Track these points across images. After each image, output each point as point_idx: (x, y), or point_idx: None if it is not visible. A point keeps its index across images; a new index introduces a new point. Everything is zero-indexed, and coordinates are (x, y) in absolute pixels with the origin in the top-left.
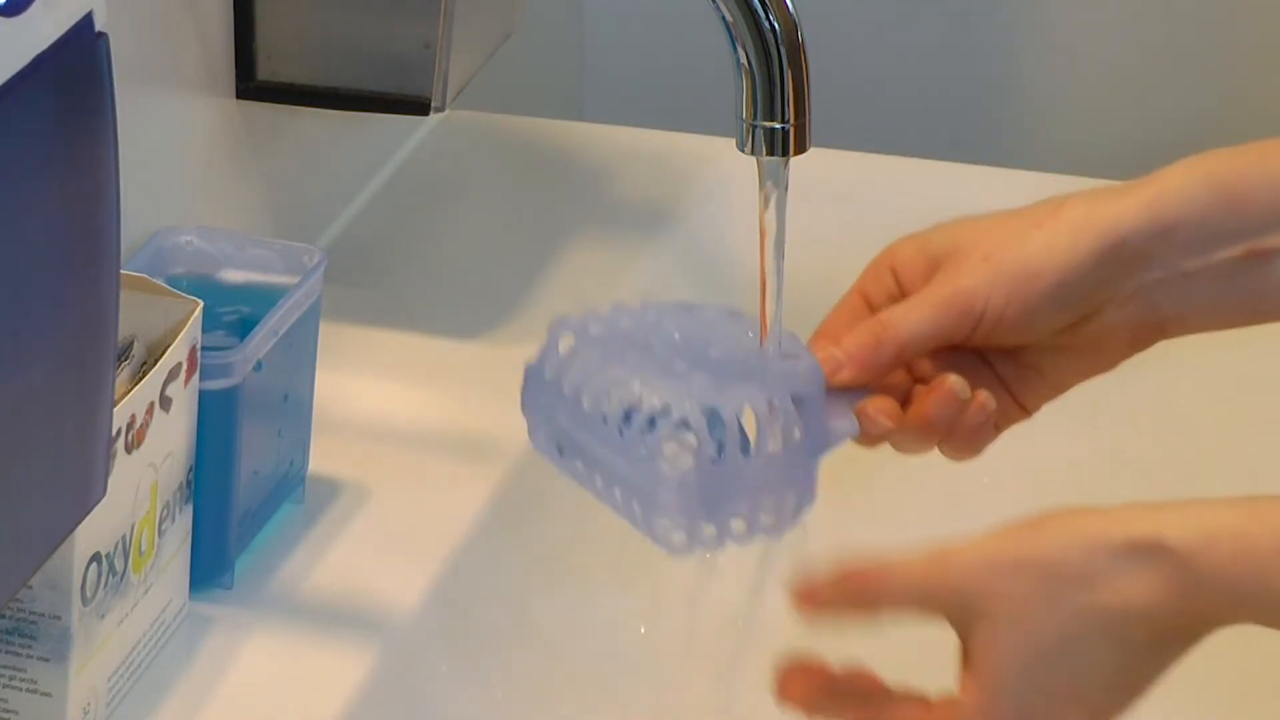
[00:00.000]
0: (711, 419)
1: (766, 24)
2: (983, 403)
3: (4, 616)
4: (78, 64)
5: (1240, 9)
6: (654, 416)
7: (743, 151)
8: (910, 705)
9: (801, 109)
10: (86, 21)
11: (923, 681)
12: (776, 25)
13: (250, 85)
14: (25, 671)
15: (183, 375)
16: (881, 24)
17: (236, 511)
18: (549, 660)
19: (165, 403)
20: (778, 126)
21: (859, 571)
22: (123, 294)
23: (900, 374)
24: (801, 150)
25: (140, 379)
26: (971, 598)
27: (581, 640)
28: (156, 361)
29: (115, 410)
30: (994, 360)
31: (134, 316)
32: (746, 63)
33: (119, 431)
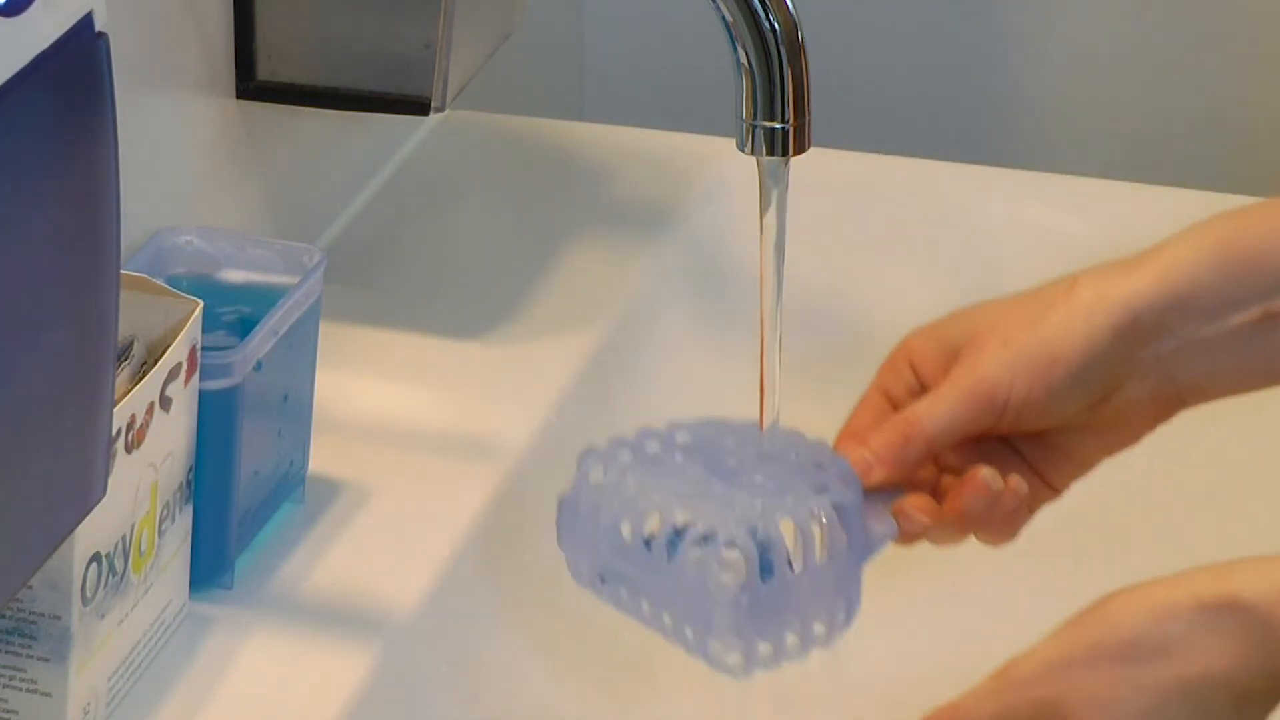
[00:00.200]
0: (756, 535)
1: (766, 24)
2: (1015, 488)
3: (4, 616)
4: (78, 64)
5: (1240, 9)
6: (699, 540)
7: (743, 151)
8: None
9: (801, 109)
10: (86, 21)
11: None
12: (776, 25)
13: (250, 85)
14: (25, 671)
15: (183, 375)
16: (881, 24)
17: (236, 511)
18: (549, 660)
19: (165, 403)
20: (778, 126)
21: None
22: (123, 294)
23: (928, 467)
24: (801, 150)
25: (140, 379)
26: (1051, 702)
27: (581, 640)
28: (156, 361)
29: (115, 410)
30: (1019, 444)
31: (134, 316)
32: (746, 63)
33: (119, 431)
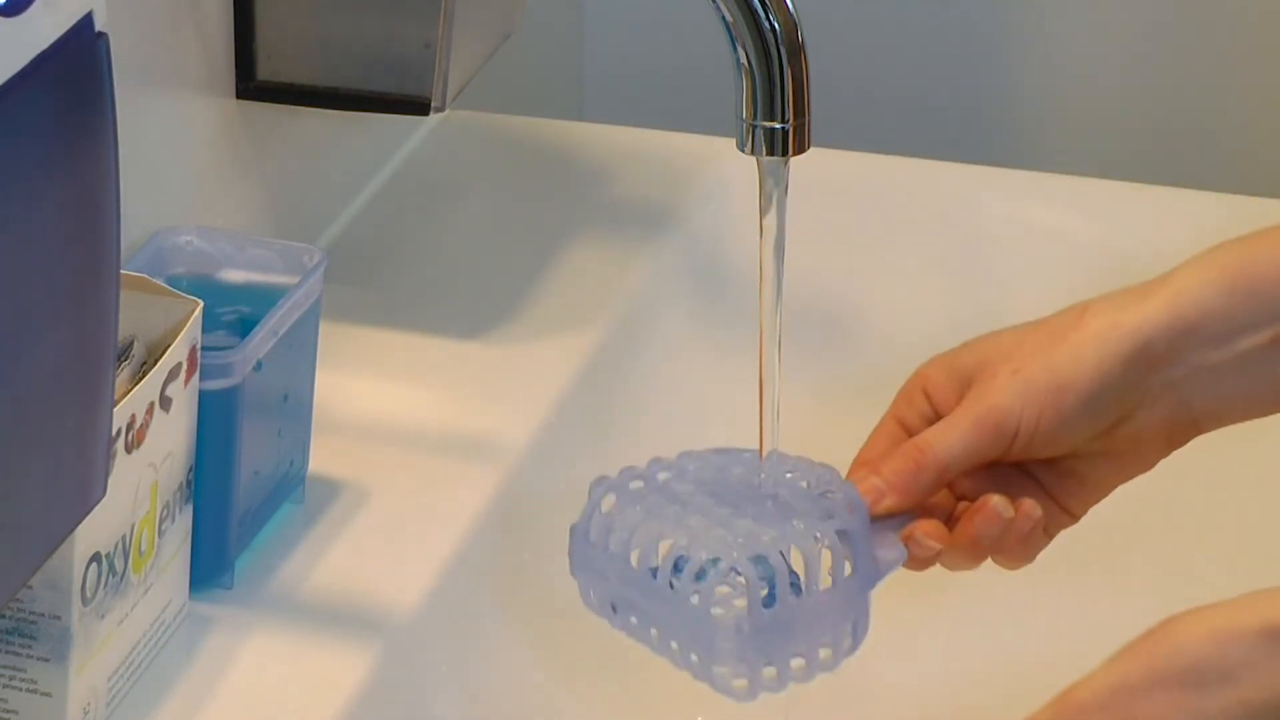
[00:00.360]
0: (761, 563)
1: (766, 24)
2: (1027, 513)
3: (4, 616)
4: (78, 64)
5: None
6: (703, 568)
7: (743, 151)
8: None
9: (801, 109)
10: (86, 21)
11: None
12: (776, 25)
13: (250, 85)
14: (25, 671)
15: (183, 375)
16: (881, 24)
17: (236, 511)
18: (549, 659)
19: (165, 403)
20: (778, 126)
21: None
22: (123, 294)
23: (942, 493)
24: (801, 150)
25: (140, 379)
26: None
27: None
28: (156, 361)
29: (115, 410)
30: (1034, 470)
31: (134, 316)
32: (746, 63)
33: (119, 431)
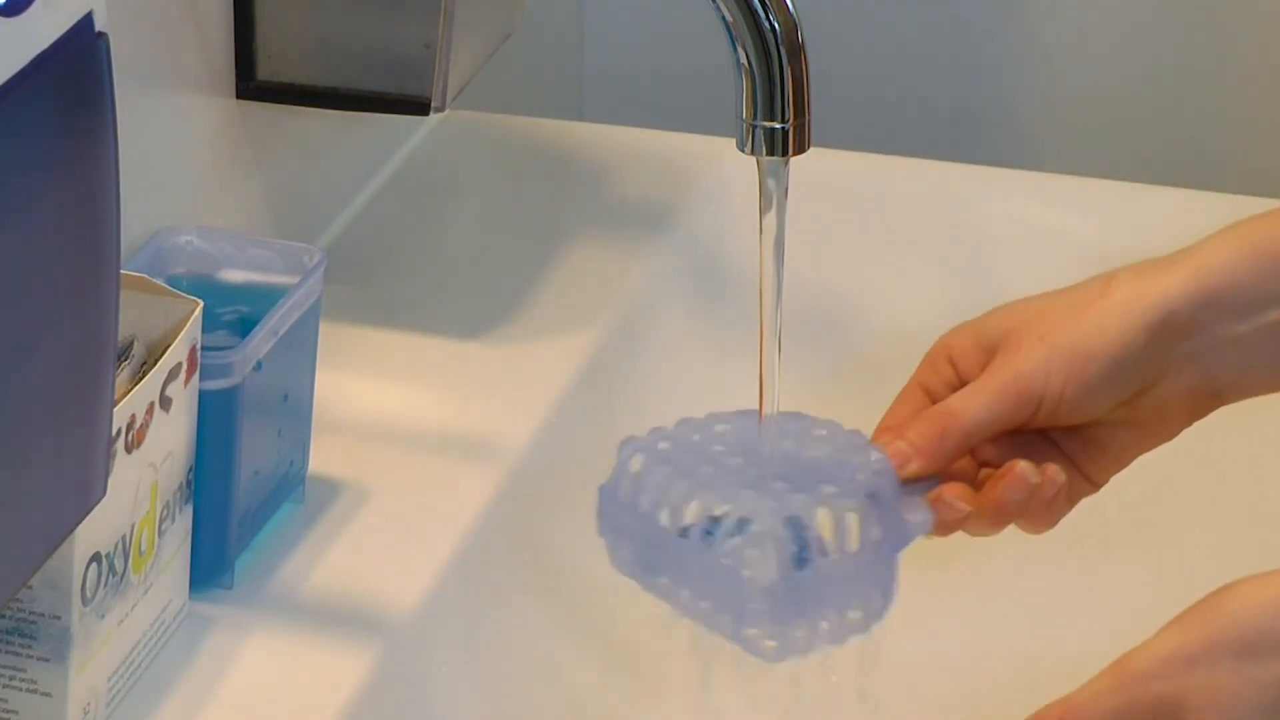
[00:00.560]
0: (792, 525)
1: (766, 24)
2: (1052, 478)
3: (4, 616)
4: (78, 64)
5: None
6: (734, 529)
7: (743, 151)
8: None
9: (801, 109)
10: (86, 21)
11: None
12: (776, 25)
13: (250, 85)
14: (25, 671)
15: (183, 375)
16: (881, 24)
17: (236, 511)
18: (549, 660)
19: (165, 403)
20: (778, 126)
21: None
22: (123, 294)
23: (965, 460)
24: (801, 150)
25: (140, 379)
26: (1171, 699)
27: (581, 639)
28: (156, 361)
29: (115, 410)
30: (1057, 438)
31: (134, 316)
32: (746, 63)
33: (119, 431)
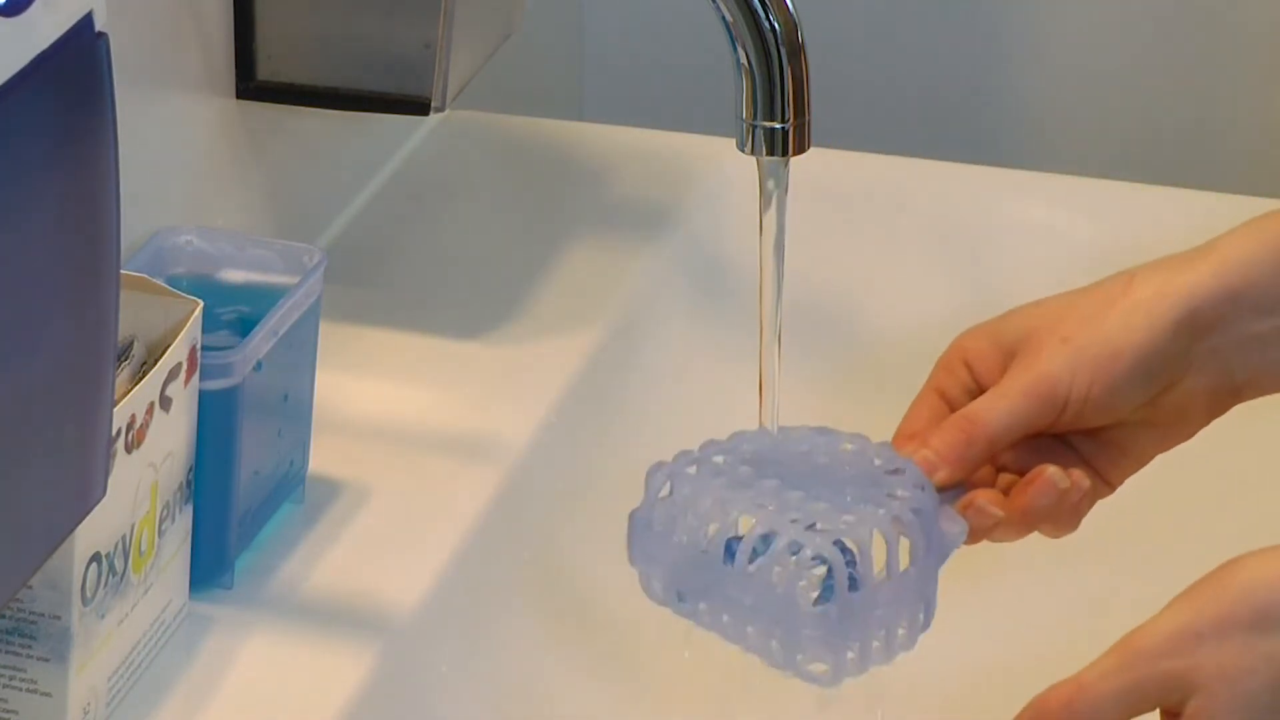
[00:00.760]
0: (842, 547)
1: (766, 24)
2: (1078, 483)
3: (4, 616)
4: (78, 64)
5: (1241, 10)
6: (784, 553)
7: (743, 151)
8: None
9: (801, 109)
10: (86, 21)
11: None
12: (776, 25)
13: (250, 85)
14: (25, 671)
15: (183, 375)
16: (882, 24)
17: (236, 511)
18: (549, 659)
19: (165, 403)
20: (778, 126)
21: (1056, 703)
22: (123, 294)
23: (985, 467)
24: (801, 150)
25: (140, 379)
26: (1180, 676)
27: (582, 639)
28: (156, 361)
29: (115, 410)
30: (1075, 441)
31: (134, 316)
32: (746, 63)
33: (119, 431)
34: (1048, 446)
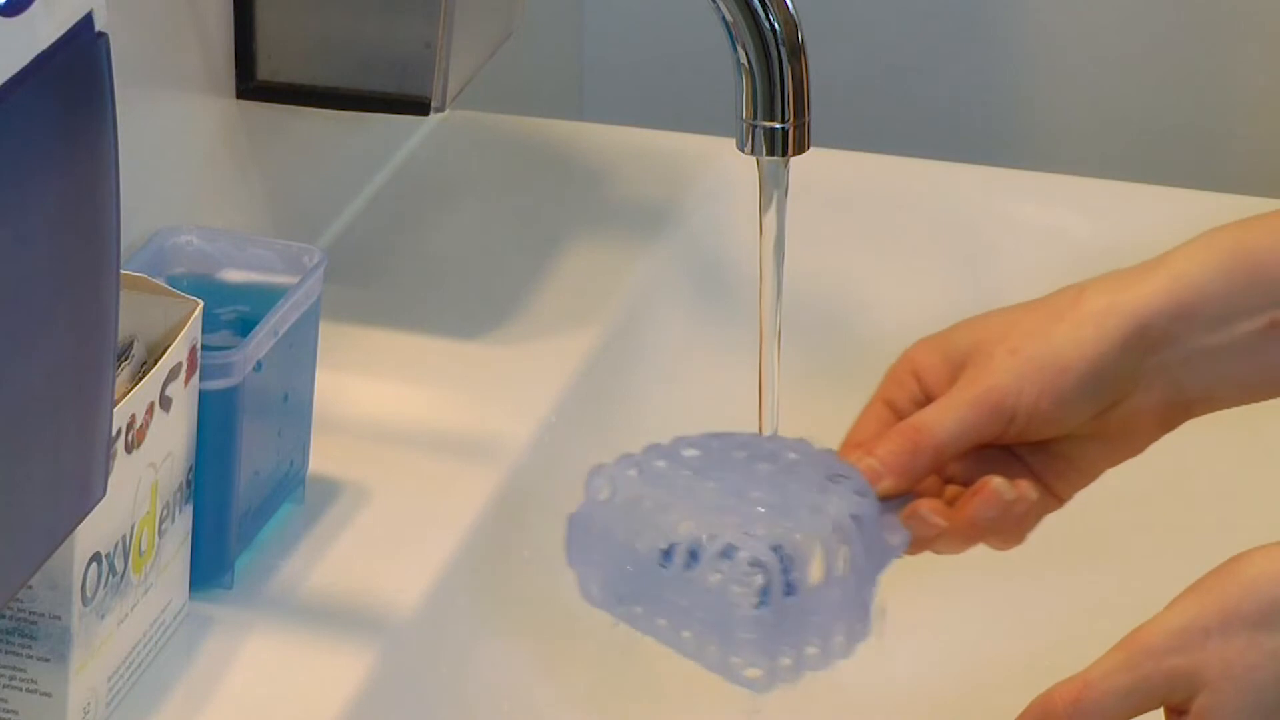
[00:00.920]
0: (779, 551)
1: (766, 24)
2: (1024, 494)
3: (4, 616)
4: (78, 64)
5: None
6: (719, 556)
7: (743, 151)
8: None
9: (801, 109)
10: (86, 21)
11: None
12: (776, 25)
13: (250, 85)
14: (25, 671)
15: (183, 375)
16: (882, 24)
17: (236, 511)
18: (548, 660)
19: (165, 403)
20: (778, 126)
21: (1062, 701)
22: (123, 294)
23: (931, 478)
24: (801, 150)
25: (140, 379)
26: (1187, 672)
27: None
28: (156, 361)
29: (115, 410)
30: (1023, 454)
31: (134, 316)
32: (746, 63)
33: (119, 431)
34: (996, 458)
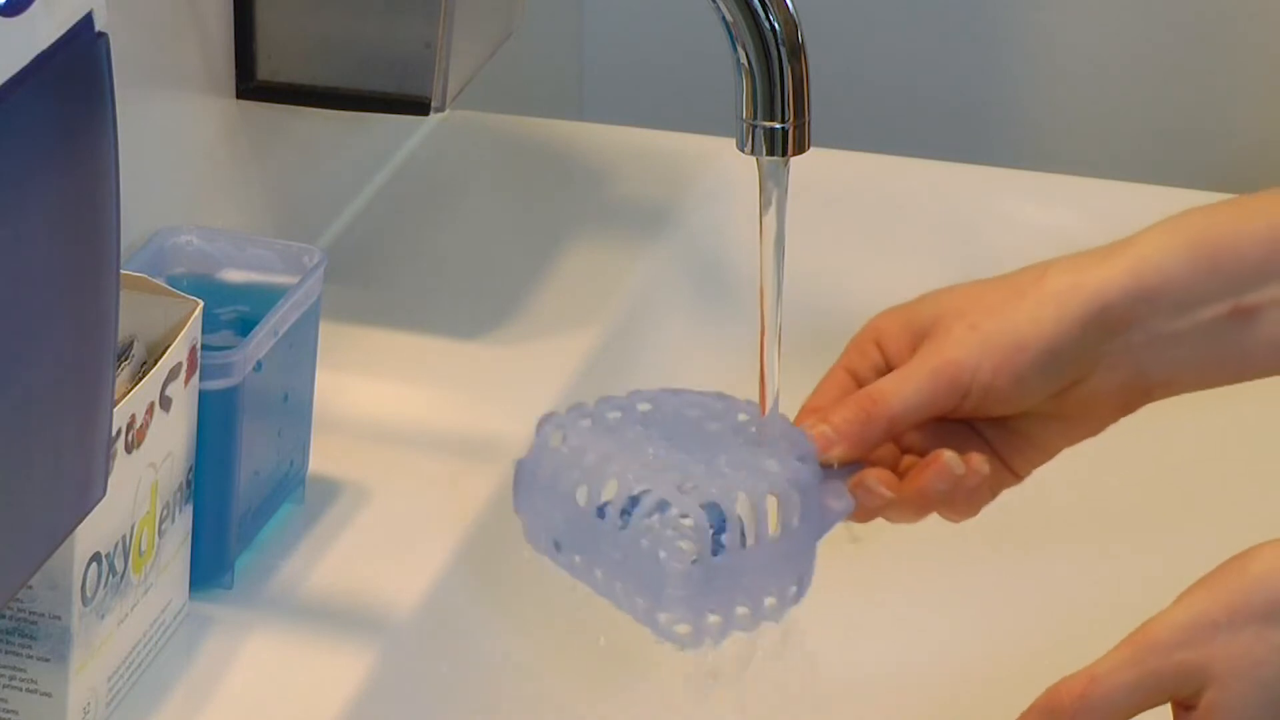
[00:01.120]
0: (711, 509)
1: (766, 24)
2: (976, 468)
3: (4, 616)
4: (78, 64)
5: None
6: (652, 511)
7: (743, 151)
8: None
9: (801, 109)
10: (86, 21)
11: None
12: (776, 25)
13: (250, 85)
14: (25, 671)
15: (183, 375)
16: (881, 24)
17: (236, 511)
18: (548, 660)
19: (165, 403)
20: (778, 126)
21: (1069, 696)
22: (123, 294)
23: (887, 446)
24: (801, 150)
25: (140, 379)
26: (1195, 667)
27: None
28: (156, 361)
29: (115, 410)
30: (982, 428)
31: (134, 316)
32: (746, 63)
33: (119, 431)
34: (954, 431)
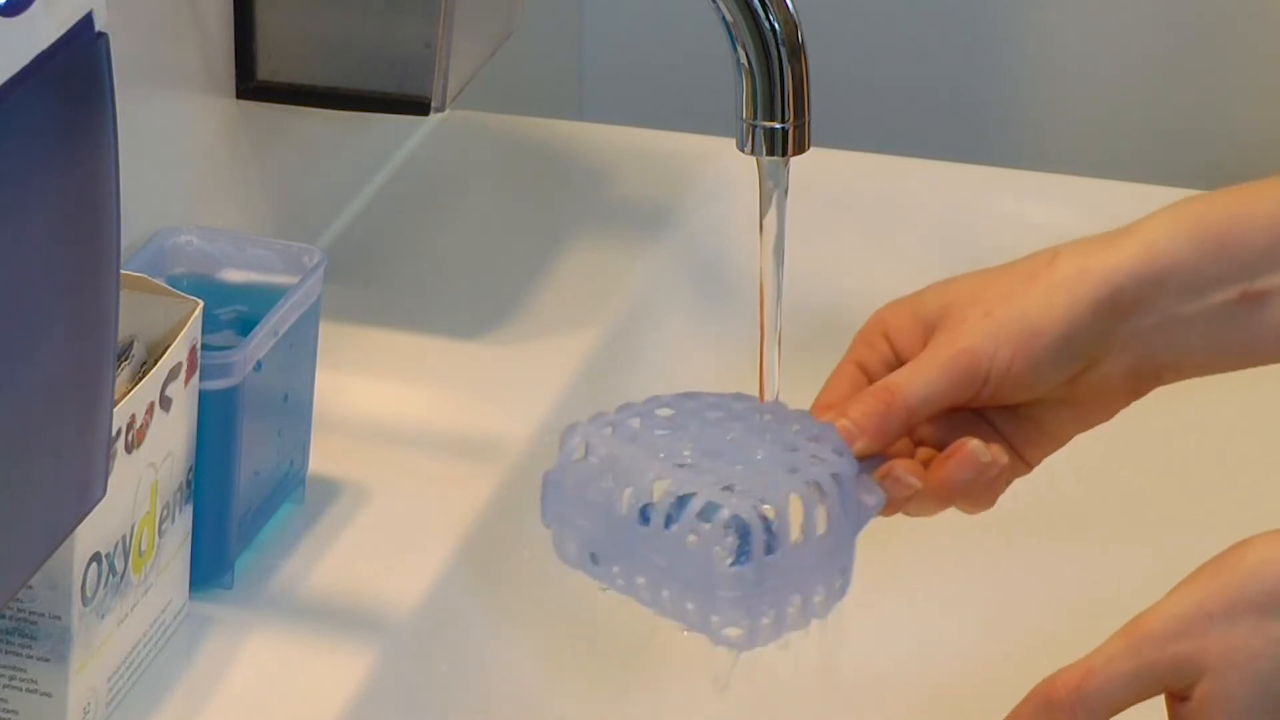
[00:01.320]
0: (760, 509)
1: (766, 24)
2: (997, 458)
3: (4, 616)
4: (78, 64)
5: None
6: (700, 514)
7: (743, 151)
8: None
9: (801, 109)
10: (86, 21)
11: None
12: (776, 25)
13: (250, 85)
14: (25, 671)
15: (183, 375)
16: (881, 24)
17: (236, 511)
18: (548, 660)
19: (165, 403)
20: (778, 126)
21: (1064, 687)
22: (123, 294)
23: (902, 440)
24: (801, 150)
25: (140, 379)
26: (1190, 659)
27: (581, 639)
28: (156, 361)
29: (115, 410)
30: (992, 418)
31: (134, 316)
32: (746, 63)
33: (119, 431)
34: (966, 422)
